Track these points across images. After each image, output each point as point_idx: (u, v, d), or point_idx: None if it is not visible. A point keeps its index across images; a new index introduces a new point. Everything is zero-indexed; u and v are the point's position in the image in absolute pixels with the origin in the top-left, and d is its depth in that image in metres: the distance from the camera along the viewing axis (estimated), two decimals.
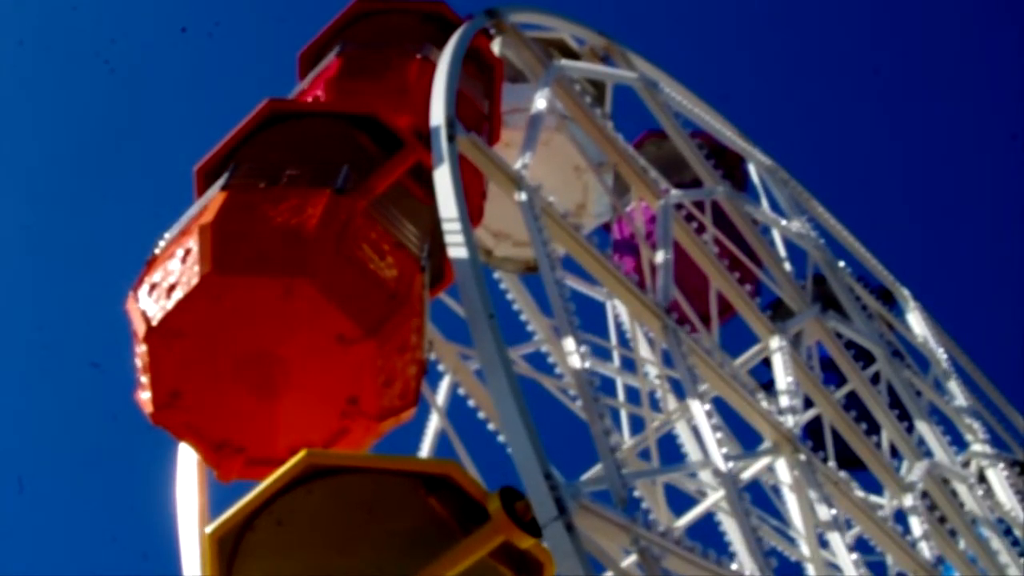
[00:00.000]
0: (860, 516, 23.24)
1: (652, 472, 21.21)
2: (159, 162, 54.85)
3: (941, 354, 33.27)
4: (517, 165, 20.90)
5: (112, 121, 57.90)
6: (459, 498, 14.99)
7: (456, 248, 17.94)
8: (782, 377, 23.98)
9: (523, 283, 29.75)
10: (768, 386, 30.88)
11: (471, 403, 25.68)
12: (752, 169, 32.36)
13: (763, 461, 22.44)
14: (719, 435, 20.40)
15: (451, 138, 19.23)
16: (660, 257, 22.84)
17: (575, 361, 18.47)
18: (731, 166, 32.02)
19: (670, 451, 28.78)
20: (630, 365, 29.36)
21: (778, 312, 29.93)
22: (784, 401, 23.10)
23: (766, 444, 22.62)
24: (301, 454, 15.15)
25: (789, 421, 22.57)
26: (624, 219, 29.22)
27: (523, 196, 20.31)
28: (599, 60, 30.08)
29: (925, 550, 23.53)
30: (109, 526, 52.89)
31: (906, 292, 34.83)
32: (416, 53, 22.70)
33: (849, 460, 27.32)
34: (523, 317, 29.27)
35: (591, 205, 28.94)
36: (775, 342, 24.99)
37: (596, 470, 26.23)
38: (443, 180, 18.53)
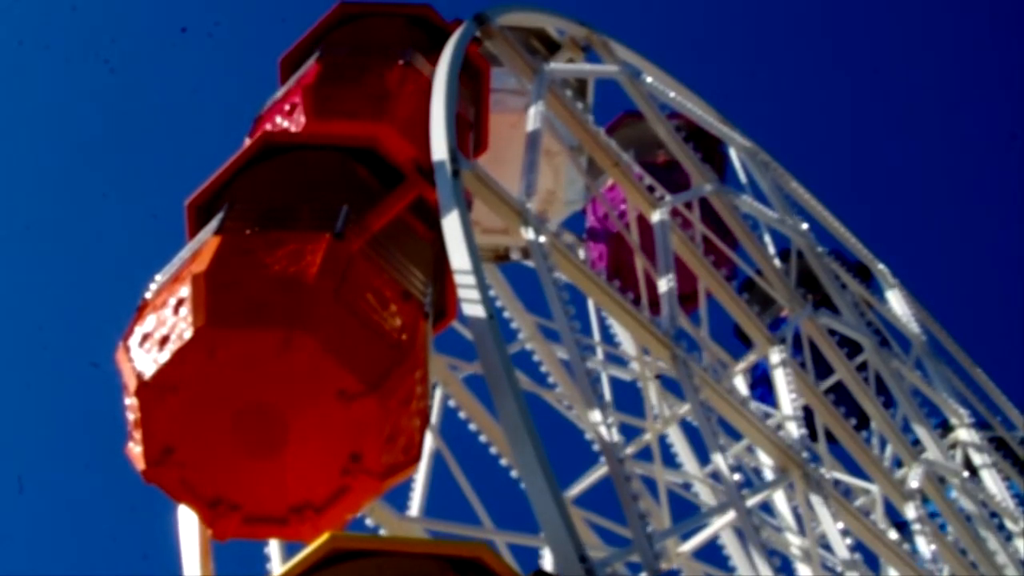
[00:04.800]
0: (874, 541, 22.90)
1: (678, 529, 20.42)
2: (159, 161, 54.25)
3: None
4: (519, 194, 20.06)
5: (112, 121, 57.10)
6: None
7: (472, 306, 17.06)
8: (786, 397, 23.41)
9: (504, 276, 29.03)
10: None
11: (462, 415, 24.99)
12: (733, 153, 32.06)
13: (774, 490, 21.99)
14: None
15: (455, 173, 18.28)
16: (664, 285, 22.09)
17: (605, 434, 17.69)
18: (710, 148, 31.77)
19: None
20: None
21: (753, 294, 29.77)
22: (792, 429, 22.51)
23: (774, 467, 22.20)
24: (324, 536, 14.36)
25: (798, 446, 22.12)
26: (598, 200, 28.55)
27: (530, 233, 19.48)
28: (580, 50, 29.49)
29: (935, 571, 23.23)
30: (109, 526, 52.42)
31: (883, 267, 34.71)
32: (398, 59, 21.75)
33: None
34: (507, 315, 28.52)
35: (562, 191, 28.35)
36: (775, 356, 24.41)
37: (598, 474, 25.93)
38: (453, 230, 17.64)
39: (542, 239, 19.49)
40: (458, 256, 17.45)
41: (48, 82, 57.35)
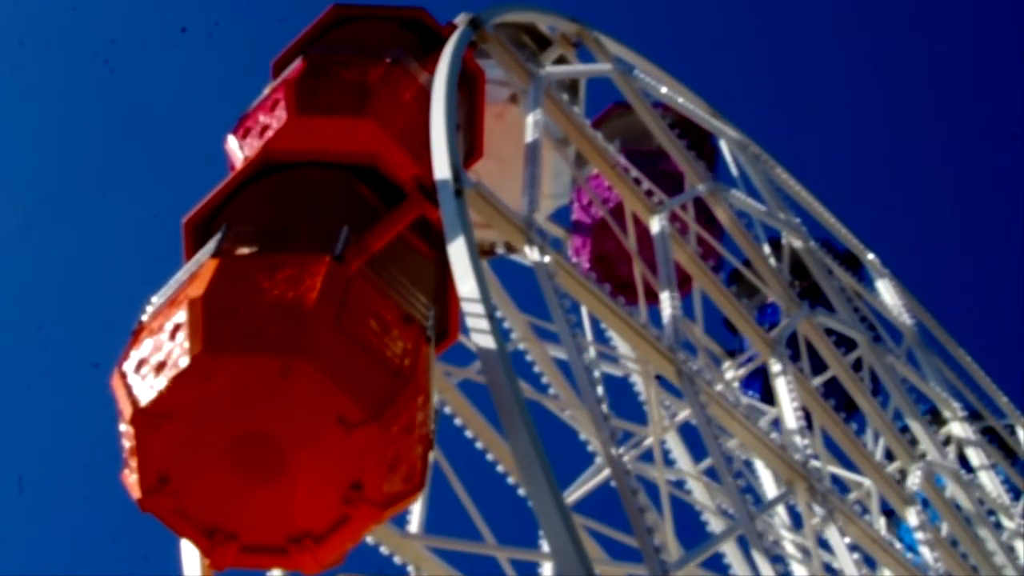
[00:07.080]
0: (879, 551, 22.65)
1: (691, 557, 20.04)
2: (159, 161, 53.90)
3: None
4: (522, 209, 19.60)
5: (112, 121, 56.72)
6: None
7: (482, 336, 16.58)
8: (789, 408, 23.06)
9: (497, 275, 28.55)
10: (733, 354, 30.51)
11: (458, 421, 24.55)
12: (723, 146, 31.80)
13: (779, 506, 21.73)
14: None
15: (459, 193, 17.78)
16: (667, 301, 21.70)
17: (615, 459, 17.33)
18: (701, 141, 31.48)
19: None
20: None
21: (742, 285, 29.56)
22: (798, 441, 22.20)
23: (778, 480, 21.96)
24: None
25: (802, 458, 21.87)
26: (583, 188, 28.15)
27: (535, 253, 19.02)
28: (571, 46, 29.05)
29: None
30: (109, 526, 52.15)
31: (872, 257, 34.60)
32: (385, 57, 21.23)
33: None
34: (499, 314, 27.95)
35: (547, 185, 27.85)
36: (776, 364, 24.07)
37: (597, 480, 25.57)
38: (459, 255, 17.12)
39: (547, 258, 19.05)
40: (466, 284, 16.97)
41: (48, 82, 56.95)
